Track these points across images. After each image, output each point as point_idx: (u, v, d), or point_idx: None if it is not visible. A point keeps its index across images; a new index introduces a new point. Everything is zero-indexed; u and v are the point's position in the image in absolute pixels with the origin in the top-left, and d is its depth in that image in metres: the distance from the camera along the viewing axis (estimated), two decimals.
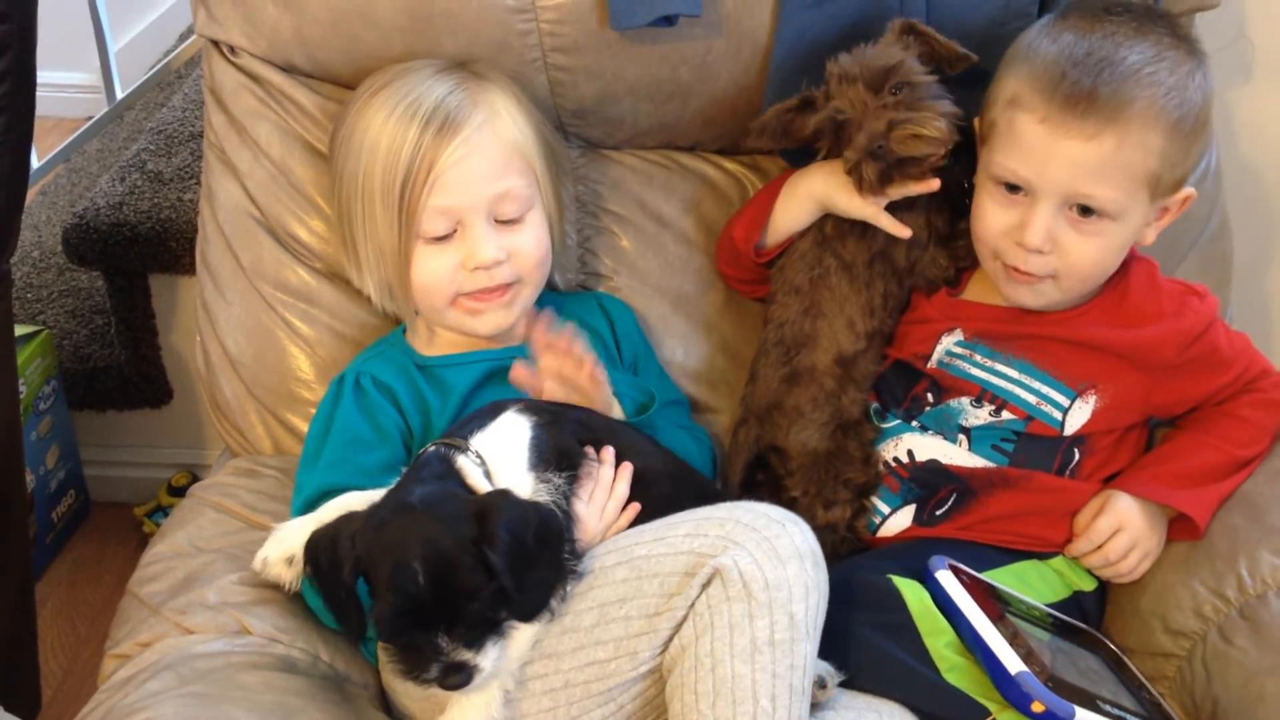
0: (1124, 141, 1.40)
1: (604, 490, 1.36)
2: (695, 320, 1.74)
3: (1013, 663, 1.27)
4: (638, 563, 1.25)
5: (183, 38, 3.05)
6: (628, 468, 1.38)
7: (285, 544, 1.32)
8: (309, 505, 1.37)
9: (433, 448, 1.31)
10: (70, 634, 2.24)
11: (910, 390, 1.59)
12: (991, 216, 1.49)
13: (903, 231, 1.52)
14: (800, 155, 1.65)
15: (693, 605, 1.20)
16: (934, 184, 1.50)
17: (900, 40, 1.50)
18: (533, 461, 1.31)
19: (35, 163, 2.28)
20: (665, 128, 1.72)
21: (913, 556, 1.43)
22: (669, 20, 1.56)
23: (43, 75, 1.60)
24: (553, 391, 1.44)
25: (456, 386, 1.49)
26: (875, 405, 1.60)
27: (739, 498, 1.37)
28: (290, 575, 1.32)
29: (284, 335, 1.63)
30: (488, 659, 1.20)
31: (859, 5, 1.59)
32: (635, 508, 1.36)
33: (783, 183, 1.62)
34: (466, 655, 1.20)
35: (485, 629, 1.20)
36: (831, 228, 1.58)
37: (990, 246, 1.51)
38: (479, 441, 1.31)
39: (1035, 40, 1.46)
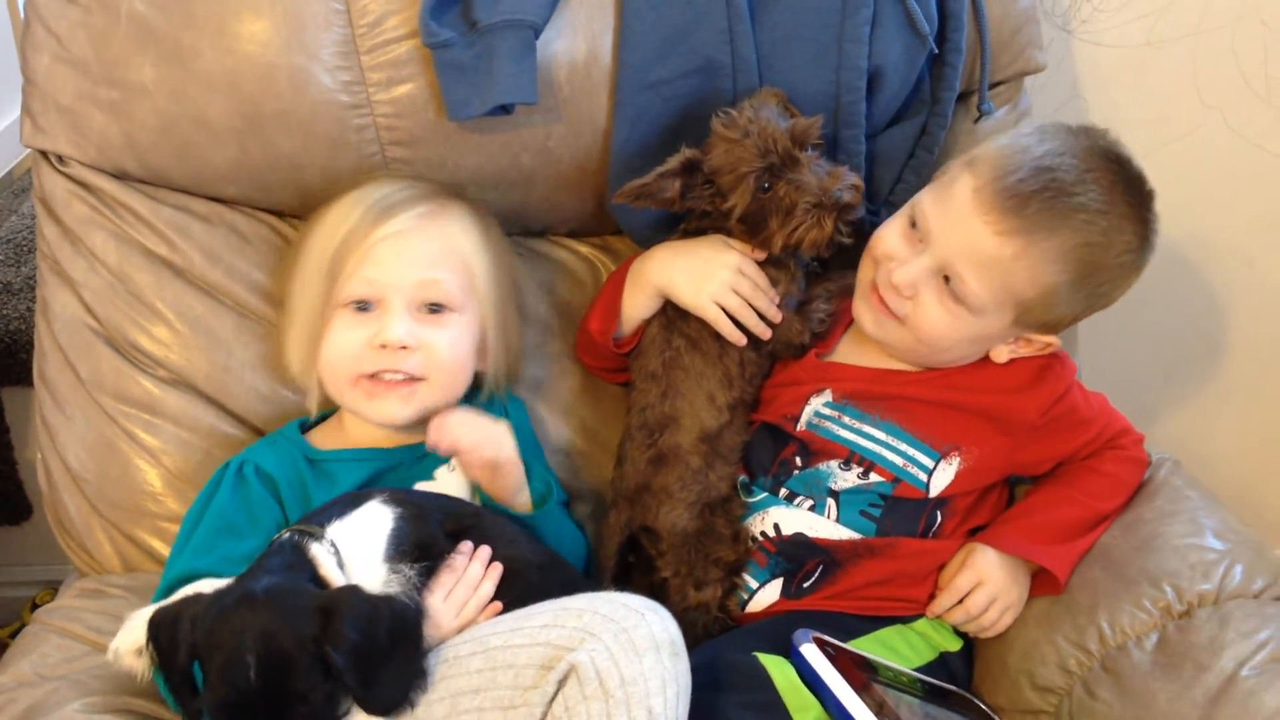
0: (1021, 256, 1.43)
1: (466, 587, 1.34)
2: (554, 406, 1.74)
3: None
4: (493, 653, 1.22)
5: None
6: (496, 568, 1.37)
7: (136, 633, 1.28)
8: (169, 591, 1.34)
9: (286, 534, 1.28)
10: None
11: (778, 454, 1.58)
12: (889, 237, 1.52)
13: (738, 339, 1.55)
14: (651, 232, 1.67)
15: (551, 703, 1.18)
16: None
17: (774, 101, 1.53)
18: (389, 553, 1.30)
19: None
20: (514, 214, 1.72)
21: (779, 632, 1.43)
22: (506, 109, 1.56)
23: None
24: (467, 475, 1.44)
25: (343, 483, 1.47)
26: (743, 478, 1.61)
27: (611, 582, 1.37)
28: (141, 665, 1.28)
29: (128, 448, 1.59)
30: None
31: (694, 86, 1.60)
32: (496, 607, 1.34)
33: (628, 268, 1.64)
34: None
35: None
36: (674, 308, 1.59)
37: (873, 254, 1.54)
38: (336, 530, 1.29)
39: (1032, 131, 1.49)
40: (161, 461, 1.59)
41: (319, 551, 1.26)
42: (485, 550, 1.37)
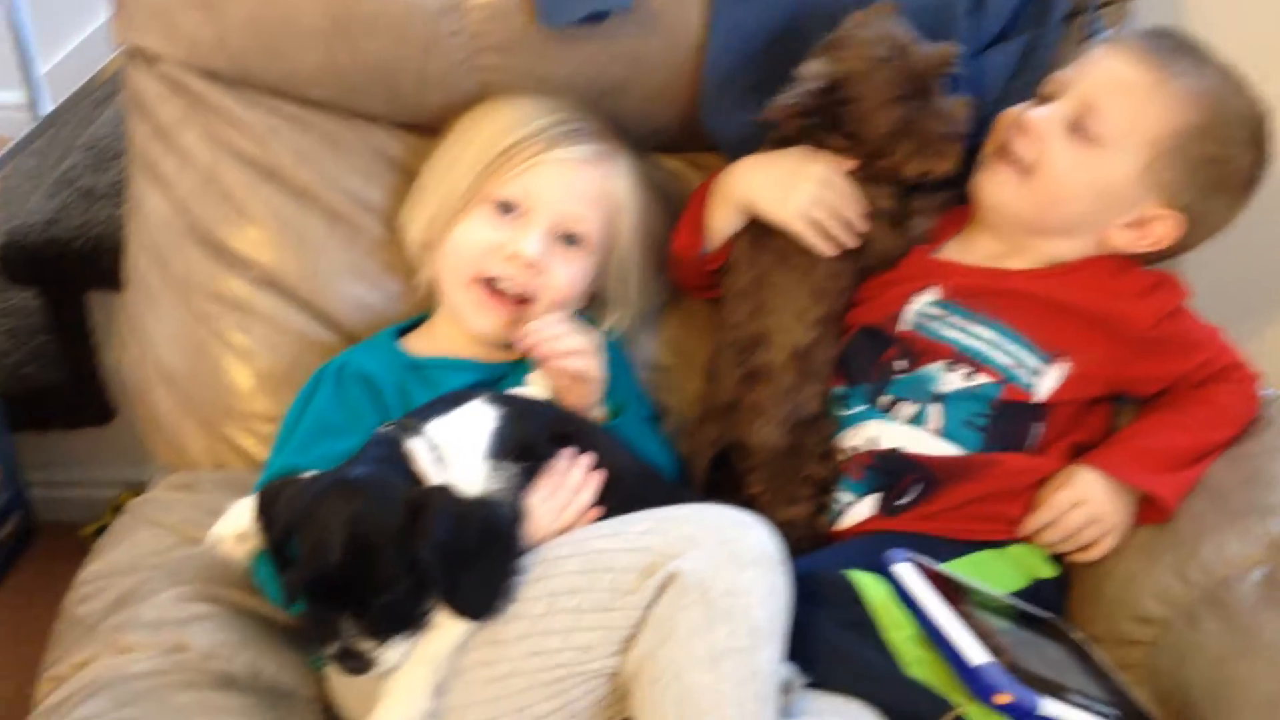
0: (1158, 86, 1.47)
1: (567, 491, 1.33)
2: (644, 320, 1.70)
3: (975, 654, 1.25)
4: (592, 556, 1.22)
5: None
6: (598, 475, 1.36)
7: (238, 519, 1.29)
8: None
9: (385, 429, 1.28)
10: (14, 661, 2.10)
11: (878, 357, 1.55)
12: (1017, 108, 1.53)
13: (826, 250, 1.52)
14: (745, 146, 1.61)
15: (650, 608, 1.17)
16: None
17: (888, 15, 1.52)
18: (491, 450, 1.28)
19: None
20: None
21: (871, 551, 1.40)
22: (599, 16, 1.53)
23: None
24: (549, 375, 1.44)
25: (446, 388, 1.45)
26: (839, 389, 1.57)
27: (703, 499, 1.35)
28: (241, 552, 1.29)
29: (218, 348, 1.58)
30: (391, 653, 1.19)
31: None
32: (596, 513, 1.33)
33: (712, 183, 1.60)
34: (366, 645, 1.18)
35: (396, 622, 1.18)
36: (761, 223, 1.56)
37: (1001, 124, 1.55)
38: (437, 426, 1.27)
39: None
40: (252, 362, 1.58)
41: (416, 446, 1.25)
42: (587, 457, 1.36)
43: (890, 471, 1.52)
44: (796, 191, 1.52)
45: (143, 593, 1.35)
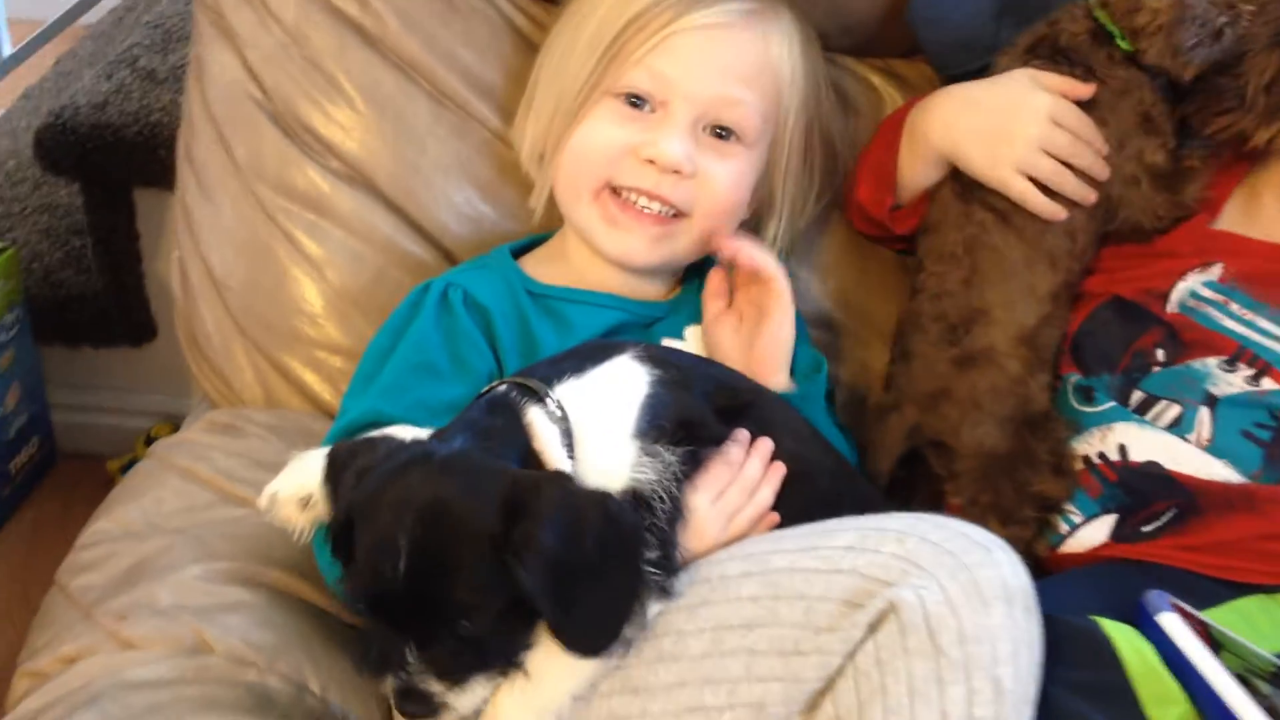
0: None
1: (741, 489, 1.12)
2: (812, 262, 1.50)
3: None
4: (775, 577, 1.02)
5: None
6: (779, 468, 1.15)
7: (303, 478, 1.11)
8: (347, 434, 1.17)
9: (501, 387, 1.08)
10: (23, 605, 1.99)
11: (1133, 342, 1.33)
12: None
13: (1056, 214, 1.31)
14: (961, 55, 1.43)
15: (854, 654, 0.98)
16: None
17: None
18: (641, 427, 1.07)
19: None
20: None
21: (1111, 586, 1.21)
22: None
23: None
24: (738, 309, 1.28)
25: (579, 329, 1.28)
26: (1075, 376, 1.34)
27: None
28: (304, 520, 1.12)
29: (285, 253, 1.42)
30: (465, 699, 0.98)
31: None
32: (774, 519, 1.14)
33: (903, 119, 1.39)
34: (434, 686, 0.97)
35: (476, 660, 0.98)
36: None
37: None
38: (570, 390, 1.07)
39: None
40: (325, 274, 1.42)
41: (538, 417, 1.04)
42: (766, 443, 1.16)
43: (1139, 491, 1.29)
44: (1013, 140, 1.31)
45: (160, 566, 1.19)
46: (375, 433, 1.11)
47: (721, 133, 1.30)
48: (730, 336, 1.28)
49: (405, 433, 1.09)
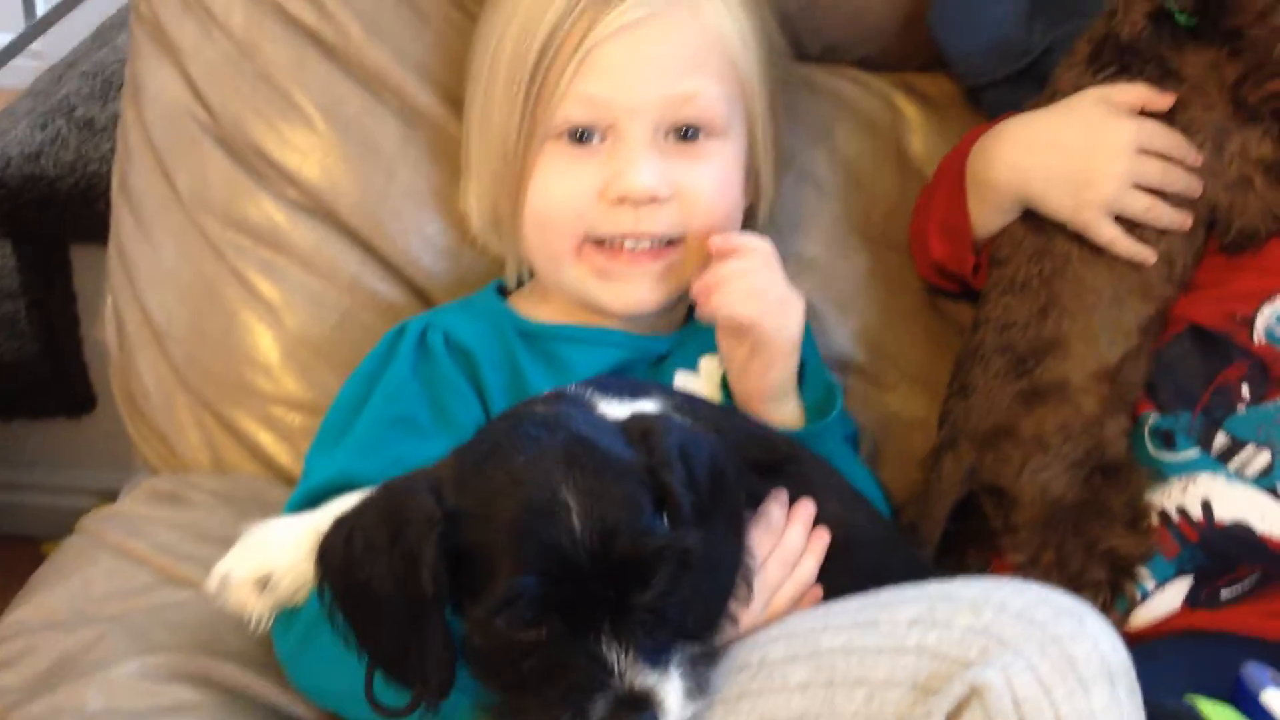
0: None
1: (781, 562, 1.02)
2: (826, 295, 1.39)
3: None
4: (828, 659, 0.91)
5: None
6: (822, 535, 1.05)
7: (261, 555, 1.01)
8: (312, 499, 1.08)
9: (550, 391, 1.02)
10: None
11: (1215, 377, 1.22)
12: None
13: (1148, 258, 1.21)
14: (988, 62, 1.36)
15: None
16: None
17: None
18: None
19: None
20: (790, 21, 1.37)
21: (1198, 659, 1.12)
22: None
23: None
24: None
25: (581, 370, 1.17)
26: (1153, 416, 1.23)
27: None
28: (261, 605, 1.00)
29: (236, 296, 1.33)
30: (673, 693, 0.86)
31: None
32: (817, 594, 1.05)
33: (963, 161, 1.30)
34: (649, 678, 0.85)
35: (669, 632, 0.86)
36: None
37: None
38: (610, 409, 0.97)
39: None
40: (282, 319, 1.33)
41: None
42: (808, 506, 1.06)
43: (1223, 553, 1.18)
44: (1097, 181, 1.21)
45: (89, 661, 1.08)
46: (348, 499, 0.98)
47: (687, 133, 1.19)
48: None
49: None
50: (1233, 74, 1.20)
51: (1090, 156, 1.21)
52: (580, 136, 1.17)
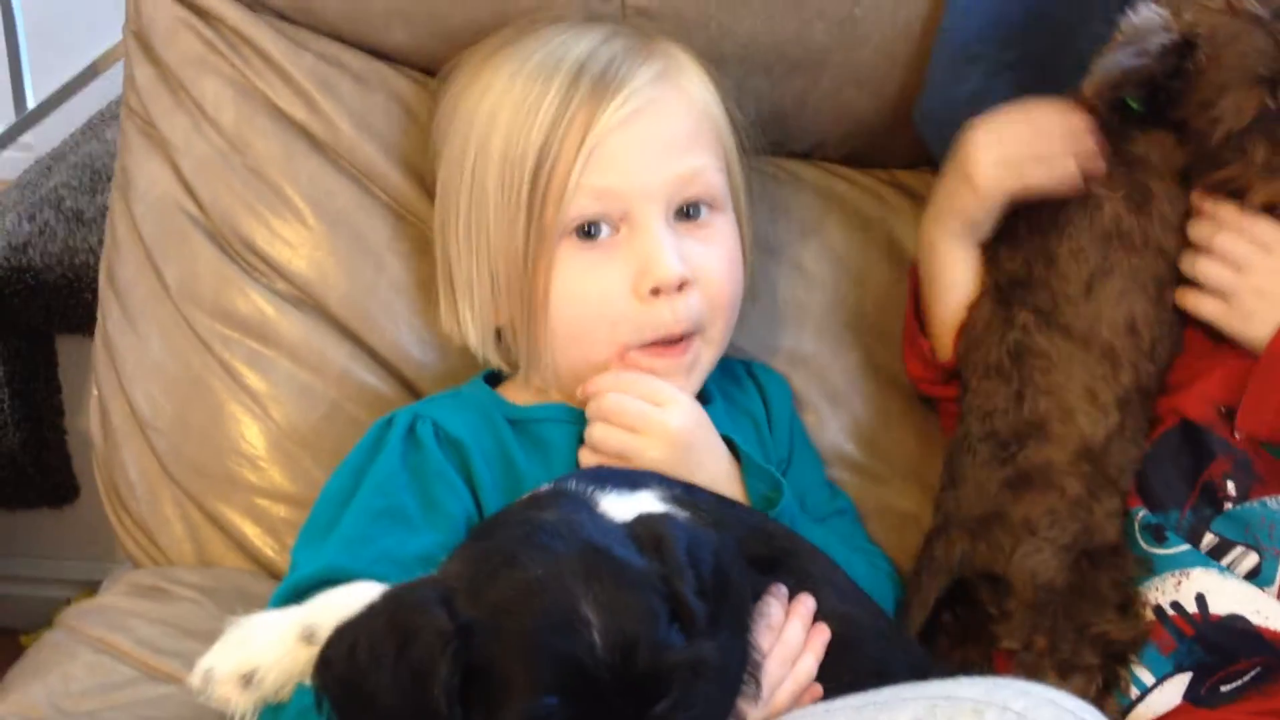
0: None
1: (781, 659, 0.99)
2: (822, 391, 1.38)
3: None
4: None
5: None
6: (822, 632, 1.02)
7: (246, 650, 0.96)
8: (298, 593, 1.04)
9: (549, 486, 1.00)
10: None
11: (1201, 473, 1.20)
12: None
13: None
14: None
15: None
16: None
17: None
18: None
19: None
20: (780, 118, 1.38)
21: None
22: None
23: None
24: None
25: (556, 449, 1.16)
26: (1142, 512, 1.21)
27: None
28: (246, 701, 0.96)
29: (223, 387, 1.31)
30: None
31: None
32: (816, 692, 1.02)
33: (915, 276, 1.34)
34: None
35: None
36: (1005, 270, 1.25)
37: None
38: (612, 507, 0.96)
39: None
40: (269, 411, 1.31)
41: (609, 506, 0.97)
42: (808, 601, 1.03)
43: (1220, 648, 1.16)
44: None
45: None
46: (337, 593, 0.96)
47: (689, 211, 1.17)
48: None
49: (368, 589, 0.94)
50: (1181, 160, 1.21)
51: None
52: (589, 231, 1.15)
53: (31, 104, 2.42)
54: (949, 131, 1.33)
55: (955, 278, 1.27)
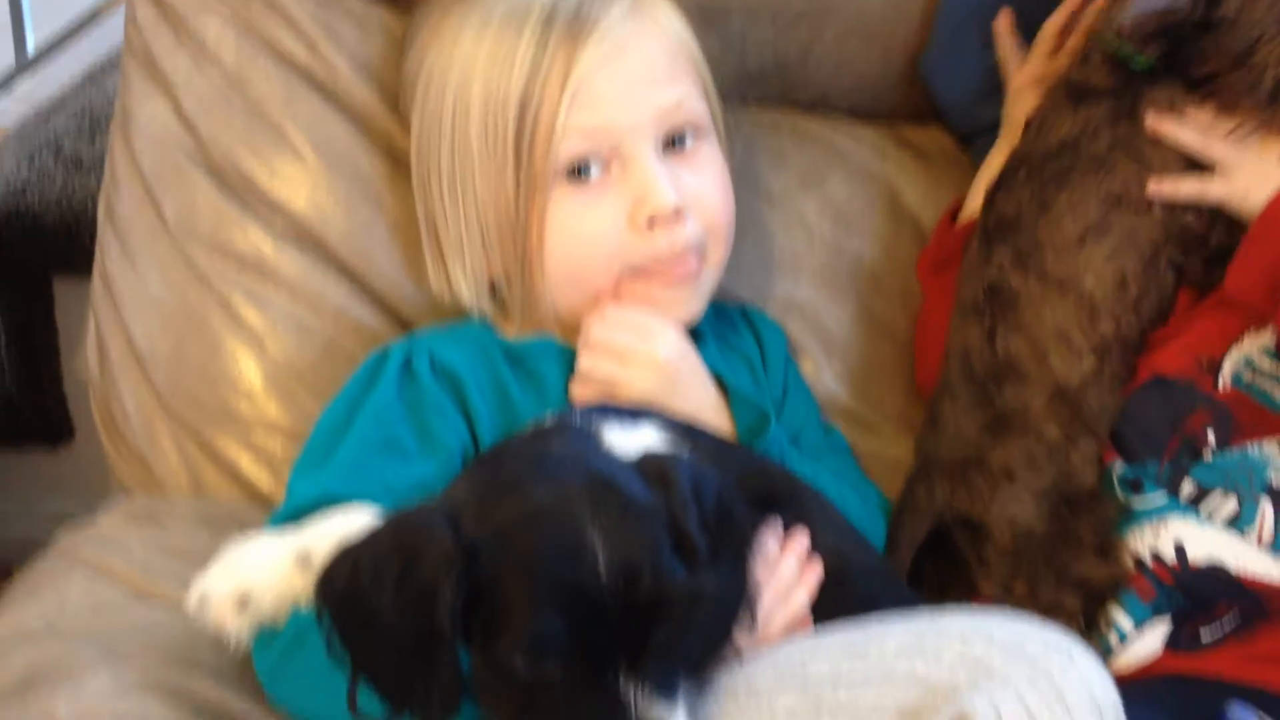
0: None
1: (774, 591, 1.00)
2: (817, 338, 1.39)
3: None
4: (815, 688, 0.88)
5: None
6: (815, 565, 1.04)
7: (241, 573, 0.97)
8: (295, 519, 1.04)
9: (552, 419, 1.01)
10: None
11: (1179, 425, 1.19)
12: None
13: None
14: (979, 108, 1.38)
15: None
16: None
17: None
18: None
19: None
20: (783, 70, 1.39)
21: (1181, 703, 1.09)
22: None
23: None
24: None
25: (550, 382, 1.16)
26: (1120, 465, 1.21)
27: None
28: (241, 624, 0.97)
29: (220, 323, 1.30)
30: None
31: None
32: (808, 624, 1.04)
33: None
34: (660, 712, 0.83)
35: (679, 665, 0.85)
36: (997, 207, 1.25)
37: None
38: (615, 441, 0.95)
39: None
40: (265, 347, 1.30)
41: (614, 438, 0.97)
42: (803, 536, 1.04)
43: (1199, 594, 1.17)
44: None
45: (59, 674, 1.02)
46: (333, 516, 0.96)
47: (675, 141, 1.18)
48: None
49: (368, 516, 0.95)
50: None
51: None
52: (579, 172, 1.15)
53: (32, 51, 2.41)
54: (956, 86, 1.35)
55: None
